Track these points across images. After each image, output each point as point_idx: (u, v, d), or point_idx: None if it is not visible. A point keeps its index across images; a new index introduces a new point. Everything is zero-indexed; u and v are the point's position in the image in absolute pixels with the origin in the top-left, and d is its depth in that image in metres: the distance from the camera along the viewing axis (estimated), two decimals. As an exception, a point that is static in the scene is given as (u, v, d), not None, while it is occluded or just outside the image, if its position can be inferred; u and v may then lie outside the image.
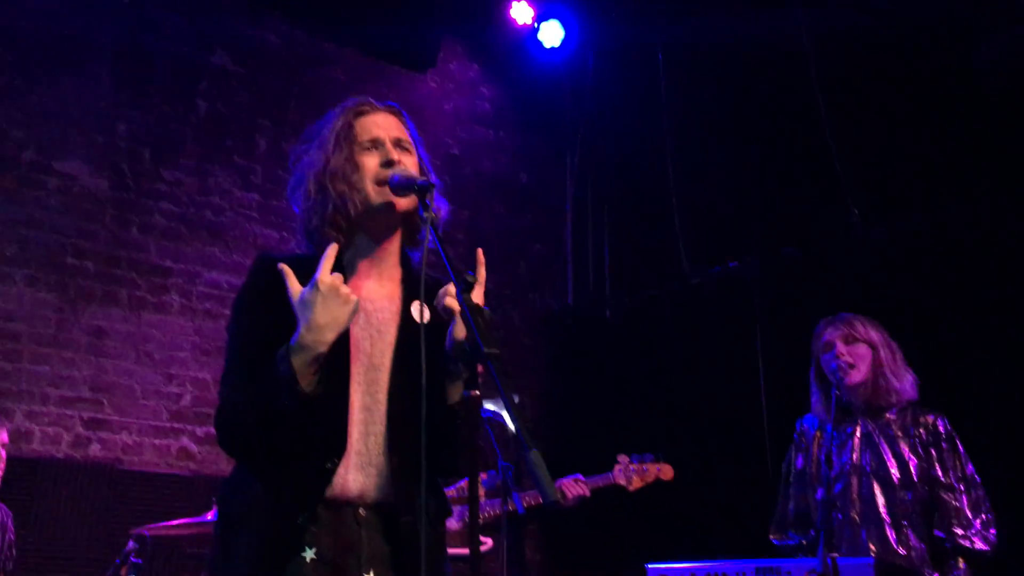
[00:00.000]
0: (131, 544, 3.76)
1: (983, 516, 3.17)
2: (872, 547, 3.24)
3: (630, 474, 4.13)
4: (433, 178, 2.05)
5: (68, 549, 4.74)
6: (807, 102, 5.38)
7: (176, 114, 5.58)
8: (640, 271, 6.53)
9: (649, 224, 6.50)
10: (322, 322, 1.79)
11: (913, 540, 3.21)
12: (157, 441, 5.16)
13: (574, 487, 4.02)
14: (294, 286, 1.84)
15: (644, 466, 4.15)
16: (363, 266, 2.03)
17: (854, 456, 3.35)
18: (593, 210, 6.93)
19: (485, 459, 4.03)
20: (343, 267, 1.99)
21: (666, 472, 4.17)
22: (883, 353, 3.35)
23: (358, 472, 1.88)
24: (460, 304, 1.71)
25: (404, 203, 1.96)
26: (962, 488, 3.20)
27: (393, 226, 2.02)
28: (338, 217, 1.98)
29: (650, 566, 3.36)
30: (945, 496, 3.20)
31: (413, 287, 2.00)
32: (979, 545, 3.12)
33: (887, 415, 3.36)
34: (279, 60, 6.01)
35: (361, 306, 1.91)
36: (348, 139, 2.02)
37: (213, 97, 5.72)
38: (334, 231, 1.98)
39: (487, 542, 3.97)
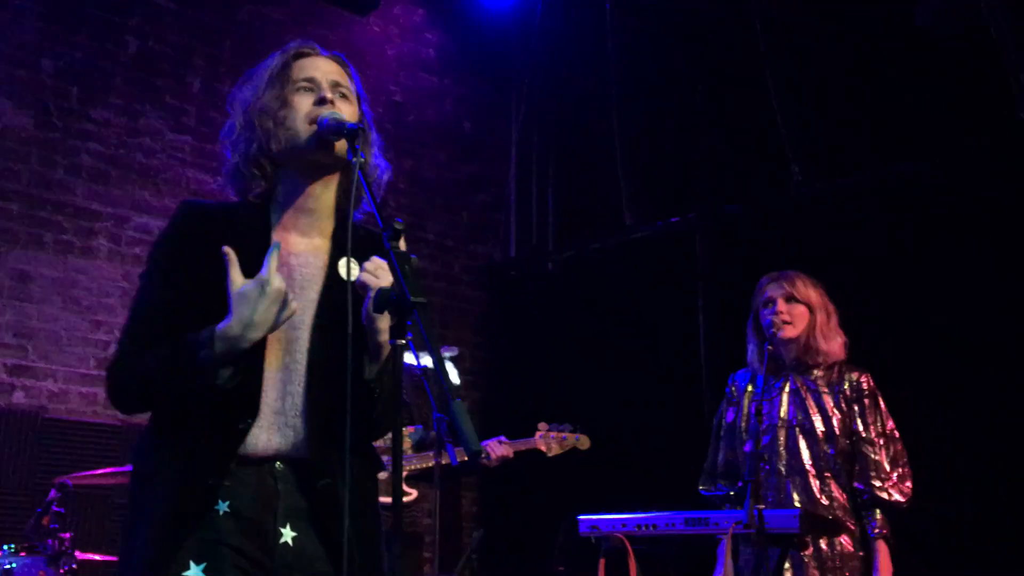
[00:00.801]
0: (53, 492, 3.71)
1: (900, 470, 3.34)
2: (796, 497, 3.38)
3: (550, 441, 4.30)
4: (374, 135, 2.01)
5: (-9, 498, 4.67)
6: (752, 56, 5.41)
7: (105, 51, 5.40)
8: (583, 224, 6.55)
9: (593, 176, 6.51)
10: (258, 321, 1.75)
11: (835, 491, 3.37)
12: (84, 389, 5.08)
13: (499, 448, 4.16)
14: (236, 276, 1.77)
15: (563, 435, 4.33)
16: (289, 216, 1.96)
17: (782, 410, 3.50)
18: (538, 160, 6.91)
19: (410, 413, 4.11)
20: (267, 215, 1.94)
21: (584, 442, 4.36)
22: (819, 315, 3.50)
23: (274, 432, 1.85)
24: (387, 251, 1.69)
25: (336, 146, 1.90)
26: (881, 443, 3.37)
27: (322, 171, 1.95)
28: (262, 157, 1.93)
29: (581, 517, 3.43)
30: (865, 449, 3.37)
31: (344, 243, 1.93)
32: (895, 496, 3.29)
33: (815, 371, 3.52)
34: (215, -4, 5.85)
35: (283, 260, 1.87)
36: (282, 78, 1.96)
37: (144, 34, 5.55)
38: (258, 172, 1.93)
39: (411, 493, 4.05)
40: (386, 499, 3.97)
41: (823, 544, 3.31)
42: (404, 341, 1.65)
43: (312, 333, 1.90)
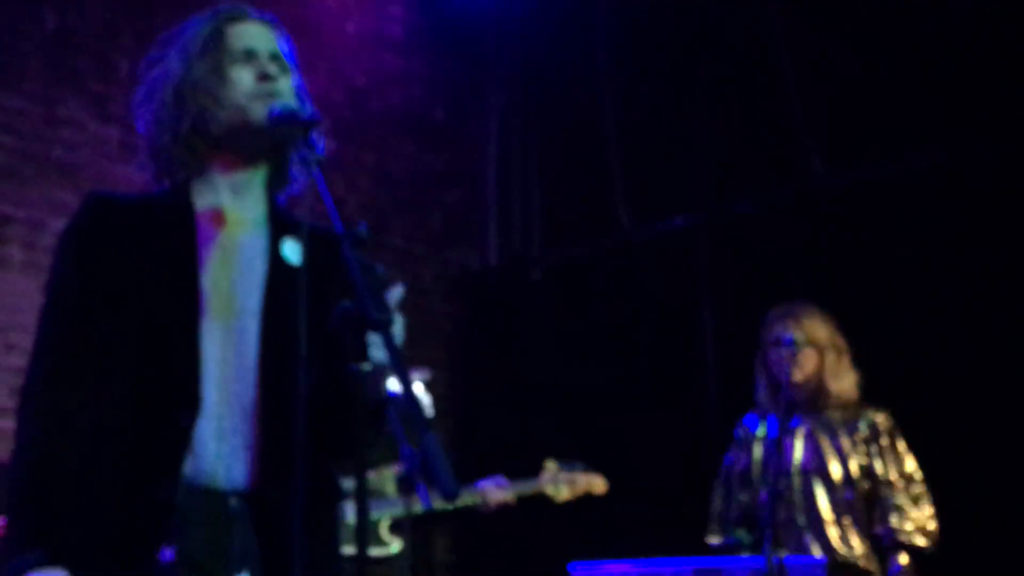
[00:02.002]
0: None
1: (924, 511, 3.55)
2: (814, 548, 3.57)
3: (559, 483, 4.19)
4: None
5: None
6: (764, 34, 5.42)
7: (16, 30, 5.36)
8: (573, 226, 6.54)
9: (584, 171, 6.51)
10: None
11: (855, 538, 3.59)
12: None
13: (497, 492, 4.01)
14: None
15: (573, 475, 4.23)
16: (223, 195, 2.00)
17: (796, 456, 3.72)
18: (520, 152, 6.90)
19: (395, 448, 4.00)
20: (190, 207, 1.98)
21: (598, 485, 4.27)
22: (829, 356, 3.76)
23: (220, 442, 1.84)
24: (348, 261, 1.68)
25: (283, 133, 1.94)
26: (902, 484, 3.59)
27: (259, 153, 2.01)
28: (196, 137, 1.96)
29: (573, 565, 3.41)
30: (885, 493, 3.59)
31: (280, 224, 2.01)
32: (919, 541, 3.50)
33: (829, 412, 3.77)
34: (144, -36, 5.82)
35: (222, 234, 1.93)
36: (217, 47, 1.99)
37: (63, 8, 5.51)
38: (188, 152, 1.97)
39: (390, 543, 3.94)
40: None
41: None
42: (368, 366, 1.64)
43: (264, 324, 1.91)
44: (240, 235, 1.98)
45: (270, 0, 6.73)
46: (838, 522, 3.58)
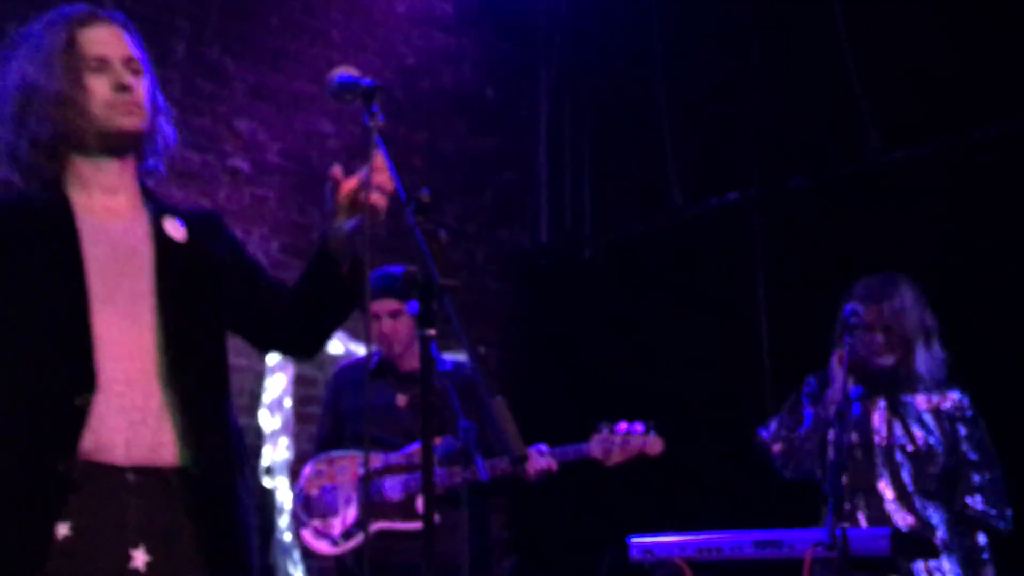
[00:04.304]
0: None
1: (1001, 492, 3.50)
2: (897, 521, 3.46)
3: (610, 446, 4.01)
4: (159, 101, 2.16)
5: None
6: (820, 7, 5.32)
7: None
8: (625, 203, 6.49)
9: (636, 149, 6.45)
10: None
11: (936, 513, 3.50)
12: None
13: (538, 459, 3.88)
14: None
15: (628, 438, 4.06)
16: (96, 185, 2.08)
17: (879, 427, 3.61)
18: (571, 132, 6.85)
19: (443, 423, 3.94)
20: (66, 199, 2.04)
21: (653, 446, 4.07)
22: (918, 342, 3.60)
23: (119, 415, 1.88)
24: (413, 227, 1.68)
25: (133, 124, 2.04)
26: (984, 465, 3.52)
27: (124, 150, 2.09)
28: (57, 143, 2.03)
29: (633, 540, 3.40)
30: (966, 471, 3.51)
31: (157, 207, 2.12)
32: (997, 521, 3.45)
33: (912, 390, 3.65)
34: (199, -52, 5.84)
35: (102, 224, 2.02)
36: (70, 55, 2.03)
37: (120, -7, 5.54)
38: (49, 157, 2.03)
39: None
40: (402, 525, 3.90)
41: (921, 570, 3.31)
42: (434, 331, 1.64)
43: (159, 303, 1.98)
44: (119, 223, 2.05)
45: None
46: (921, 496, 3.50)
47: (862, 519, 3.50)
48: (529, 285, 6.82)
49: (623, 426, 4.09)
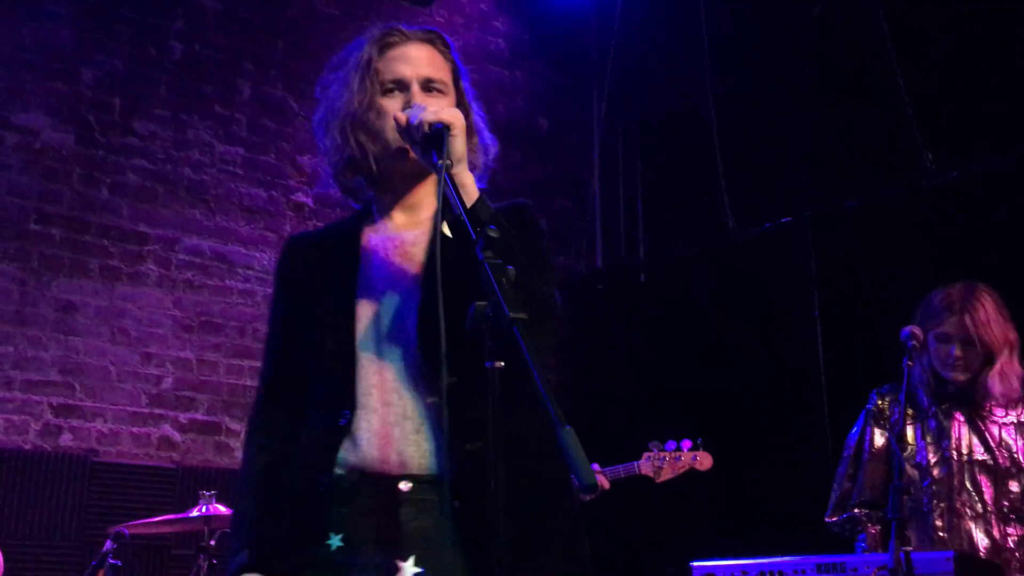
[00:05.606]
0: (109, 544, 3.79)
1: None
2: (979, 541, 3.29)
3: (659, 463, 4.11)
4: (476, 112, 2.13)
5: (40, 550, 4.79)
6: (870, 28, 5.29)
7: (148, 57, 5.55)
8: (678, 228, 6.47)
9: (688, 175, 6.44)
10: None
11: (1018, 534, 3.30)
12: (135, 429, 5.19)
13: None
14: None
15: (678, 454, 4.13)
16: (393, 206, 2.07)
17: (957, 442, 3.40)
18: (624, 159, 6.87)
19: None
20: (367, 210, 2.10)
21: (703, 462, 4.13)
22: (1001, 357, 3.35)
23: (391, 427, 1.87)
24: (481, 262, 1.68)
25: (420, 152, 1.92)
26: None
27: (420, 173, 2.04)
28: (361, 164, 2.03)
29: (695, 563, 3.37)
30: None
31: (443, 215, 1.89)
32: None
33: (988, 405, 3.42)
34: (263, -8, 5.98)
35: (394, 237, 2.01)
36: (370, 78, 2.01)
37: (189, 37, 5.68)
38: (356, 176, 2.07)
39: None
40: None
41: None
42: (502, 363, 1.63)
43: (421, 300, 1.93)
44: (410, 231, 2.03)
45: (381, 20, 6.86)
46: (1001, 515, 3.28)
47: (935, 538, 3.31)
48: (585, 309, 6.82)
49: (672, 444, 4.14)
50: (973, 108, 4.90)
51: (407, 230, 2.03)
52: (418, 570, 1.82)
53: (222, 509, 3.93)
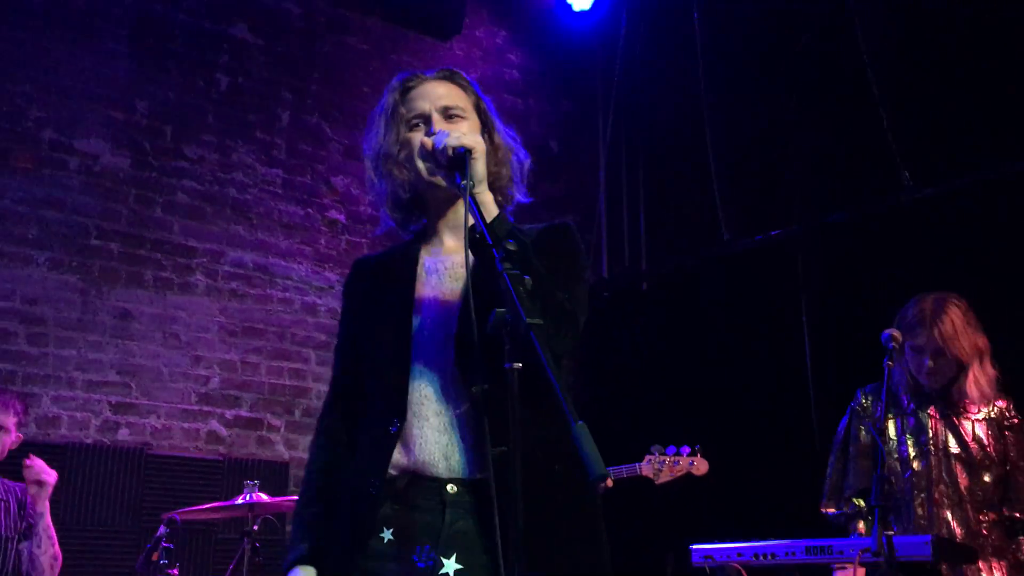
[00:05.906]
0: (162, 529, 3.81)
1: None
2: (956, 528, 3.28)
3: (659, 467, 4.12)
4: (506, 133, 2.16)
5: (99, 535, 4.82)
6: (852, 55, 5.27)
7: (196, 88, 5.59)
8: (678, 241, 6.46)
9: (687, 191, 6.43)
10: None
11: (990, 520, 3.29)
12: (186, 424, 5.21)
13: None
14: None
15: (677, 459, 4.14)
16: (441, 228, 2.08)
17: (934, 435, 3.40)
18: (627, 177, 6.87)
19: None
20: (423, 234, 2.11)
21: (700, 467, 4.14)
22: (972, 365, 3.33)
23: (439, 434, 1.87)
24: (500, 272, 1.69)
25: (445, 176, 1.94)
26: None
27: (454, 196, 2.03)
28: (401, 196, 2.05)
29: (694, 547, 3.36)
30: (1018, 478, 3.29)
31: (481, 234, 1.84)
32: None
33: (963, 403, 3.42)
34: (299, 29, 6.00)
35: (444, 259, 2.02)
36: (396, 118, 2.04)
37: (233, 70, 5.72)
38: (403, 211, 2.08)
39: None
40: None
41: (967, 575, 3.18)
42: (520, 365, 1.64)
43: (459, 316, 1.93)
44: (455, 254, 2.02)
45: (405, 55, 6.89)
46: (976, 504, 3.27)
47: (916, 525, 3.30)
48: (592, 316, 6.77)
49: (672, 449, 4.14)
50: (948, 129, 4.88)
51: (456, 252, 2.03)
52: (459, 566, 1.81)
53: (264, 497, 3.94)
